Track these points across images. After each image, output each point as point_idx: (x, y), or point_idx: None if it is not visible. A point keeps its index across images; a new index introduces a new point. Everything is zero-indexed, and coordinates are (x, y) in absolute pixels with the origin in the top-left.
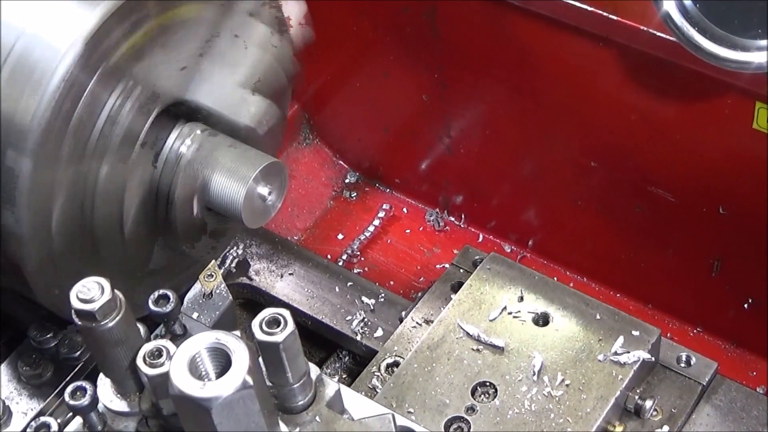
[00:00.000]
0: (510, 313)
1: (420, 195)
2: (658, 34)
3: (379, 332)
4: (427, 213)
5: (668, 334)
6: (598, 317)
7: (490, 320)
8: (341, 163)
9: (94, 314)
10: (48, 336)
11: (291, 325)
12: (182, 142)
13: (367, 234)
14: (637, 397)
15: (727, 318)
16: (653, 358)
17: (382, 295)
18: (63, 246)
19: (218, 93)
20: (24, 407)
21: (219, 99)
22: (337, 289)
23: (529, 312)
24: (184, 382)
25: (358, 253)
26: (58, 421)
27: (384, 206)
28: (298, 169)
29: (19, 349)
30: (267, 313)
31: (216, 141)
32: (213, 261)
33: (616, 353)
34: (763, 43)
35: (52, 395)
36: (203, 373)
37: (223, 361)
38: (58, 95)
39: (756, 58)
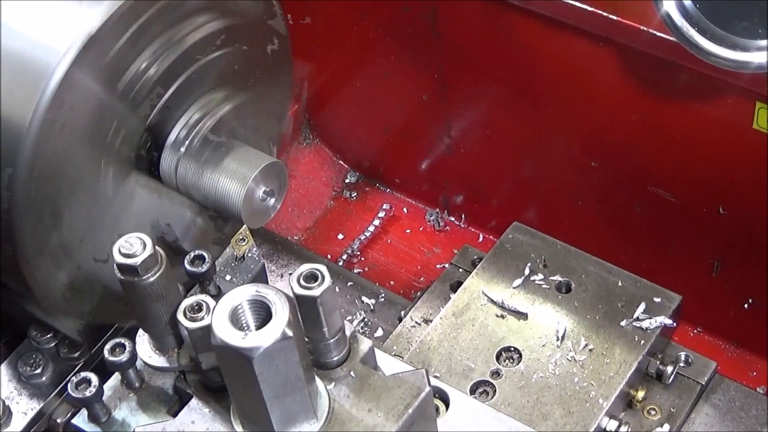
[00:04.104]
0: (533, 281)
1: (420, 195)
2: (658, 34)
3: (379, 332)
4: (427, 213)
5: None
6: (619, 284)
7: (514, 287)
8: (341, 163)
9: (136, 269)
10: (48, 336)
11: (328, 280)
12: (182, 142)
13: (367, 234)
14: (658, 362)
15: (727, 318)
16: (674, 324)
17: (382, 295)
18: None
19: (213, 90)
20: (24, 407)
21: (214, 97)
22: (337, 289)
23: (552, 279)
24: (226, 333)
25: (358, 252)
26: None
27: (384, 206)
28: (298, 169)
29: (19, 349)
30: (305, 268)
31: (215, 141)
32: (244, 225)
33: (638, 319)
34: (763, 43)
35: (52, 395)
36: (244, 324)
37: (263, 314)
38: (56, 96)
39: (756, 58)
